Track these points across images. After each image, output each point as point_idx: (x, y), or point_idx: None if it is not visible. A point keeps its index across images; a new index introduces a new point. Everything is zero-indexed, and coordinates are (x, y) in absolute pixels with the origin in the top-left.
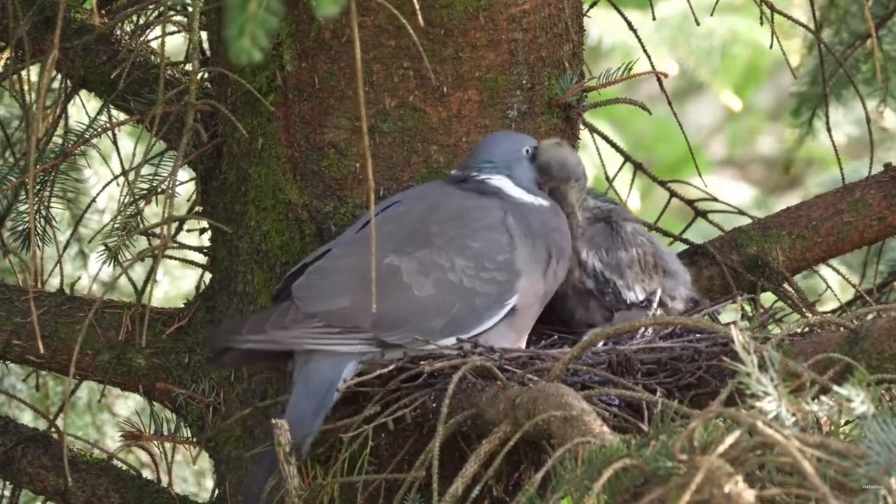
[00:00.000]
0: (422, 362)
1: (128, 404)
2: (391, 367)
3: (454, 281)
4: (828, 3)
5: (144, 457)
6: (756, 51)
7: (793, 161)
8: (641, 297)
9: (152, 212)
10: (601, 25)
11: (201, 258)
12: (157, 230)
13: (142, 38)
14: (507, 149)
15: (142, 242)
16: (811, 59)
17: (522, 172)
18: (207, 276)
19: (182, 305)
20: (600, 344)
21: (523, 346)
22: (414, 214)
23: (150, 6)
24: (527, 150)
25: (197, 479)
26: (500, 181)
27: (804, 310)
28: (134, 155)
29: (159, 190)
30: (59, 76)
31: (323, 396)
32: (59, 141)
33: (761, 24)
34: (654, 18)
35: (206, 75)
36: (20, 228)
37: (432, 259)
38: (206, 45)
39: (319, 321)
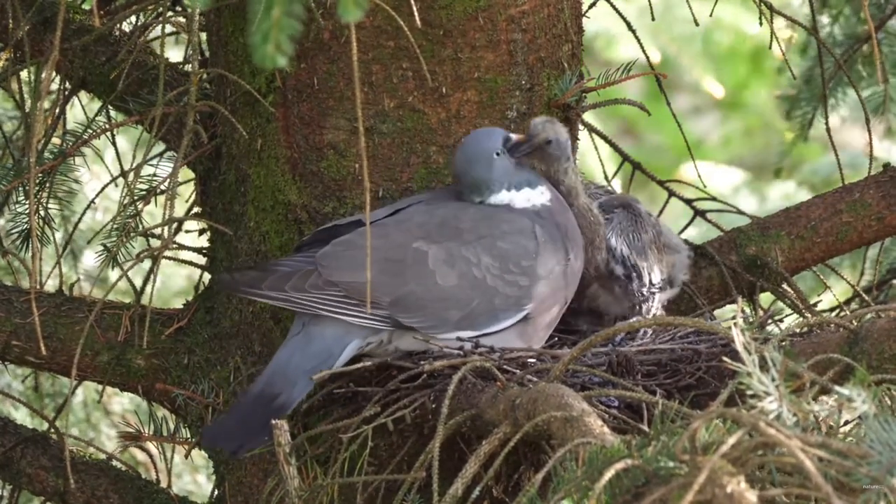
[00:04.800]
0: (421, 362)
1: (122, 402)
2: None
3: (478, 276)
4: (820, 3)
5: (140, 455)
6: (738, 37)
7: (783, 166)
8: (660, 278)
9: (150, 212)
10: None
11: (200, 259)
12: (157, 231)
13: (141, 39)
14: (482, 163)
15: (139, 242)
16: (804, 61)
17: (507, 174)
18: (206, 277)
19: (181, 306)
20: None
21: None
22: (445, 210)
23: (150, 6)
24: (504, 139)
25: (193, 478)
26: (498, 198)
27: (803, 310)
28: (134, 156)
29: (158, 191)
30: (58, 77)
31: (320, 363)
32: (58, 142)
33: (760, 24)
34: (653, 19)
35: (206, 76)
36: (18, 229)
37: (460, 251)
38: (205, 46)
39: (340, 290)
